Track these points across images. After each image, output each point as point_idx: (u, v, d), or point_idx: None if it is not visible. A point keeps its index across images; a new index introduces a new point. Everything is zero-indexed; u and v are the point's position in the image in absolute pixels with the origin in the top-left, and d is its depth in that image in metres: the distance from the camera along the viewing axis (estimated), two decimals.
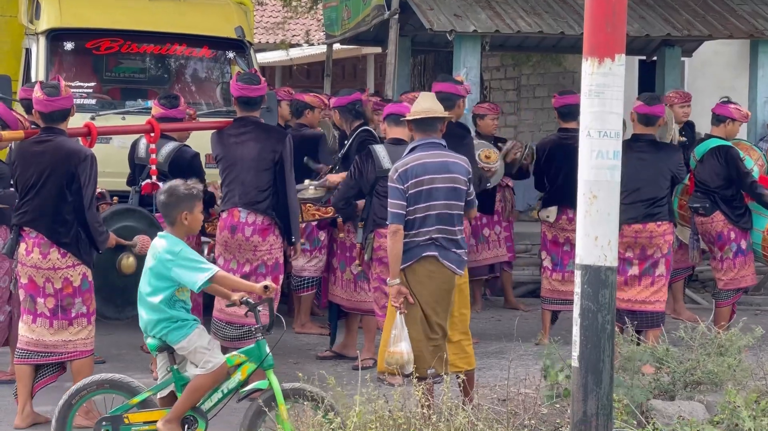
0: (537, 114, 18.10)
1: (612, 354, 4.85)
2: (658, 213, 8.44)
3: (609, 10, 4.91)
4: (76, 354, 6.94)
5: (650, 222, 8.43)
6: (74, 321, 6.93)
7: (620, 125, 5.01)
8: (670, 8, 12.27)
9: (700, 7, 12.35)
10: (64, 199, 6.84)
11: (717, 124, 9.34)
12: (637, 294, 8.45)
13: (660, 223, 8.46)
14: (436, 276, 6.49)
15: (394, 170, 6.58)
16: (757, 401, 5.83)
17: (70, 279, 6.88)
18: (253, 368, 5.98)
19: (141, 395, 5.94)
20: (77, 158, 6.84)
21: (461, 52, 11.37)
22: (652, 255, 8.48)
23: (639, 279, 8.48)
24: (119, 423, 5.85)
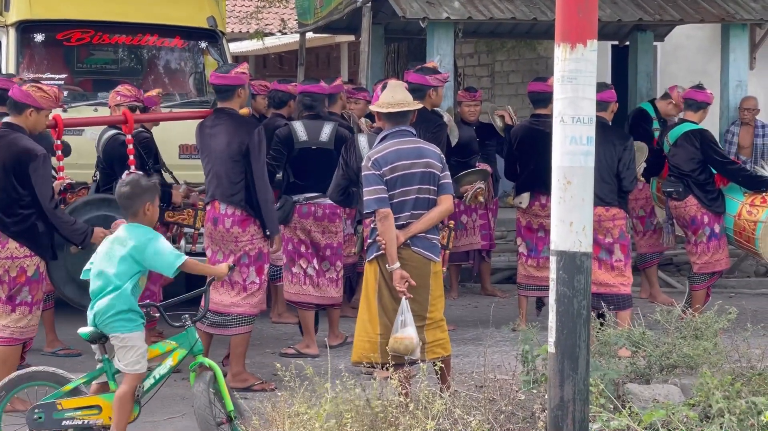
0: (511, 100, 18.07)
1: (588, 340, 4.86)
2: (606, 197, 8.39)
3: None
4: (7, 341, 6.98)
5: (598, 206, 8.36)
6: (17, 308, 7.00)
7: (593, 111, 5.02)
8: None
9: None
10: (15, 194, 6.90)
11: (695, 109, 9.34)
12: (599, 277, 8.42)
13: (608, 208, 8.44)
14: (409, 263, 6.50)
15: (367, 159, 6.62)
16: (732, 383, 5.87)
17: (24, 268, 6.98)
18: (184, 354, 6.16)
19: (73, 383, 6.02)
20: (28, 157, 6.87)
21: (434, 40, 11.37)
22: (603, 240, 8.46)
23: (597, 263, 8.45)
24: (52, 409, 5.93)
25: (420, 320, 6.53)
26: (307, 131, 8.63)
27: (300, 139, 8.61)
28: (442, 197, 6.63)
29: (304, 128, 8.64)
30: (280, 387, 6.22)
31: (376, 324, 6.55)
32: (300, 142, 8.61)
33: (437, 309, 6.66)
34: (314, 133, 8.61)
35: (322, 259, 8.61)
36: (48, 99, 7.07)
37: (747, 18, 12.11)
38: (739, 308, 7.15)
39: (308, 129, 8.63)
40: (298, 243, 8.62)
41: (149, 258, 5.94)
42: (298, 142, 8.61)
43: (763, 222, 8.93)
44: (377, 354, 6.43)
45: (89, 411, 5.96)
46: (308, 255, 8.61)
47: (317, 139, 8.58)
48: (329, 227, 8.53)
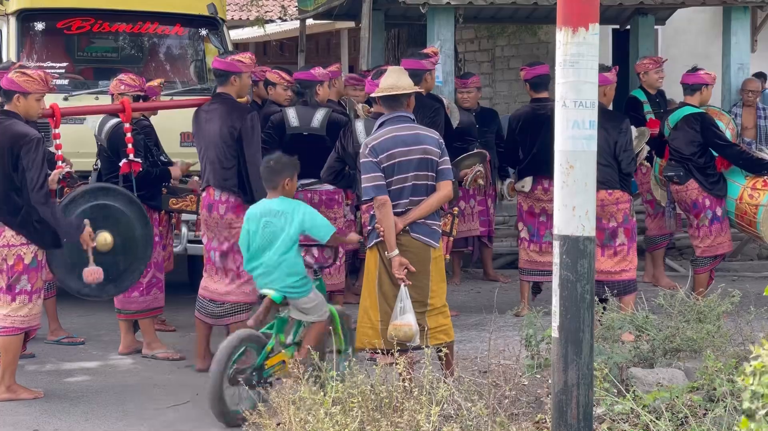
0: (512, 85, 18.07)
1: (592, 324, 4.86)
2: (607, 180, 8.37)
3: None
4: (9, 331, 6.99)
5: (601, 190, 8.34)
6: (17, 297, 7.02)
7: (596, 95, 5.01)
8: None
9: None
10: (11, 181, 6.92)
11: (691, 93, 9.32)
12: (600, 264, 8.40)
13: (611, 191, 8.40)
14: (409, 249, 6.50)
15: (364, 146, 6.62)
16: (736, 366, 5.87)
17: (22, 256, 6.99)
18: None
19: (269, 343, 6.63)
20: (21, 141, 6.88)
21: (435, 25, 11.34)
22: (607, 225, 8.44)
23: (601, 249, 8.43)
24: (261, 369, 6.55)
25: (421, 306, 6.53)
26: (299, 117, 8.65)
27: (291, 125, 8.64)
28: (441, 183, 6.62)
29: (297, 114, 8.66)
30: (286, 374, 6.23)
31: (376, 310, 6.55)
32: (291, 128, 8.64)
33: (439, 296, 6.65)
34: (306, 119, 8.62)
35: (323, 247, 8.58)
36: (33, 82, 7.06)
37: (748, 0, 12.08)
38: (742, 291, 7.16)
39: (300, 115, 8.65)
40: None
41: (316, 226, 6.74)
42: (289, 127, 8.64)
43: (765, 205, 8.92)
44: (380, 341, 6.43)
45: (280, 367, 6.61)
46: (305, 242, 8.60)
47: (309, 125, 8.59)
48: (327, 213, 8.50)
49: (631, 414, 5.44)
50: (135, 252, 7.62)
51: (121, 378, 7.69)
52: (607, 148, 8.33)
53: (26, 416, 6.73)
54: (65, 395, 7.22)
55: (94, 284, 7.29)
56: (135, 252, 7.62)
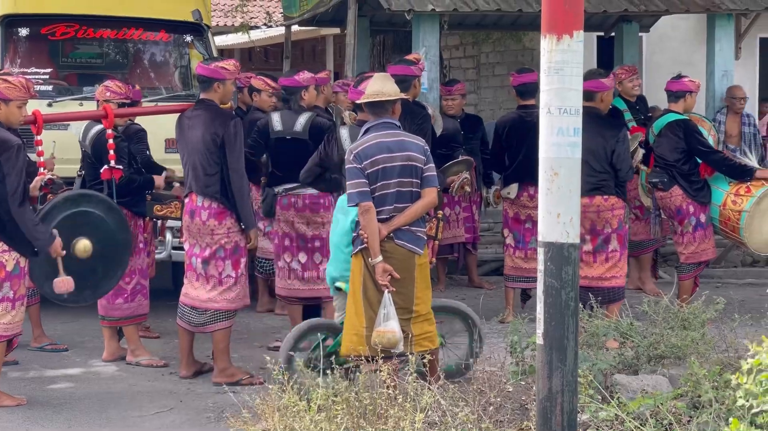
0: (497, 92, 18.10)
1: (576, 331, 4.87)
2: (603, 186, 8.41)
3: None
4: None
5: (597, 196, 8.41)
6: None
7: (580, 102, 5.02)
8: None
9: None
10: None
11: (676, 100, 9.34)
12: (593, 271, 8.45)
13: (607, 197, 8.45)
14: (393, 256, 6.50)
15: (349, 152, 6.62)
16: (720, 373, 5.88)
17: (4, 263, 6.95)
18: None
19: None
20: (1, 148, 6.82)
21: (420, 32, 11.35)
22: (602, 231, 8.47)
23: (593, 256, 8.47)
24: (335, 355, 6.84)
25: (406, 313, 6.53)
26: (282, 121, 8.67)
27: (275, 129, 8.67)
28: (426, 190, 6.61)
29: (281, 119, 8.69)
30: (269, 381, 6.22)
31: (362, 317, 6.54)
32: (275, 132, 8.66)
33: (424, 302, 6.65)
34: (289, 123, 8.63)
35: (313, 251, 8.56)
36: (14, 89, 7.03)
37: (732, 8, 12.13)
38: (726, 298, 7.18)
39: (284, 119, 8.68)
40: (283, 237, 8.59)
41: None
42: (273, 132, 8.67)
43: (748, 211, 8.95)
44: (365, 348, 6.42)
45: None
46: (292, 249, 8.56)
47: (292, 129, 8.59)
48: (313, 218, 8.49)
49: (616, 420, 5.44)
50: (113, 258, 7.61)
51: (105, 385, 7.66)
52: (603, 154, 8.38)
53: (9, 423, 6.70)
54: (48, 402, 7.19)
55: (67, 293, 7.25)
56: (113, 258, 7.61)
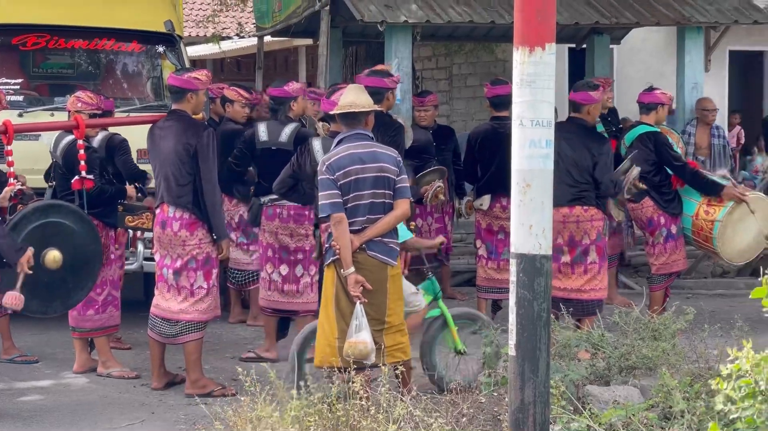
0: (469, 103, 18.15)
1: (548, 342, 4.88)
2: (584, 197, 8.46)
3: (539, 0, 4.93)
4: None
5: (577, 206, 8.45)
6: None
7: (552, 114, 5.04)
8: None
9: None
10: None
11: (647, 112, 9.40)
12: (572, 282, 8.49)
13: (587, 208, 8.49)
14: (365, 267, 6.50)
15: (322, 163, 6.62)
16: (691, 384, 5.91)
17: None
18: (430, 299, 7.42)
19: None
20: None
21: (392, 43, 11.37)
22: (581, 242, 8.51)
23: (571, 267, 8.51)
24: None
25: (379, 324, 6.53)
26: (268, 132, 8.67)
27: (261, 140, 8.67)
28: (399, 201, 6.62)
29: (266, 129, 8.69)
30: (241, 392, 6.20)
31: (334, 328, 6.54)
32: (261, 143, 8.67)
33: (396, 314, 6.65)
34: (275, 133, 8.63)
35: (295, 263, 8.54)
36: None
37: (702, 21, 12.22)
38: (696, 309, 7.21)
39: (270, 130, 8.68)
40: (266, 247, 8.59)
41: None
42: (259, 142, 8.67)
43: (720, 221, 9.01)
44: (337, 359, 6.42)
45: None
46: (275, 260, 8.56)
47: (277, 140, 8.59)
48: (297, 230, 8.48)
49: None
50: (84, 269, 7.57)
51: (76, 397, 7.62)
52: (586, 166, 8.42)
53: None
54: (18, 414, 7.14)
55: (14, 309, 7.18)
56: (84, 269, 7.57)
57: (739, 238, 9.06)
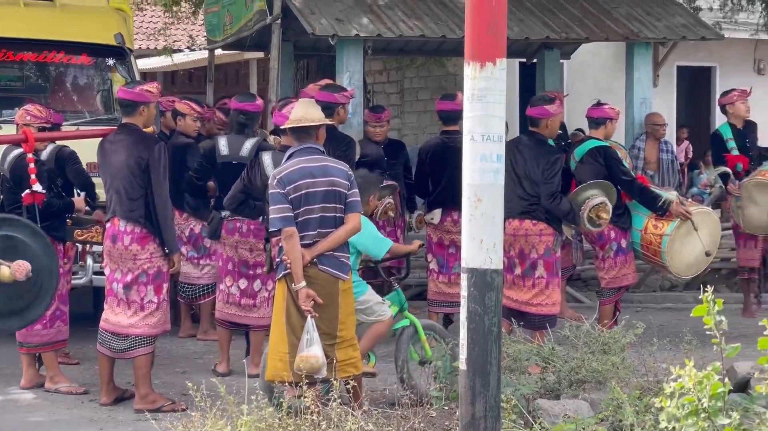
0: (420, 117, 18.21)
1: (499, 356, 4.90)
2: (534, 211, 8.51)
3: (490, 15, 4.96)
4: None
5: (527, 220, 8.49)
6: None
7: (503, 129, 5.06)
8: (548, 11, 12.45)
9: (577, 11, 12.56)
10: None
11: (596, 127, 9.47)
12: (522, 295, 8.54)
13: (536, 222, 8.53)
14: (316, 281, 6.49)
15: (272, 177, 6.62)
16: (640, 397, 5.95)
17: None
18: (396, 310, 7.53)
19: None
20: None
21: (344, 56, 11.38)
22: (529, 255, 8.55)
23: (522, 279, 8.56)
24: None
25: (330, 338, 6.52)
26: (229, 146, 8.64)
27: (222, 153, 8.65)
28: (350, 215, 6.63)
29: (227, 143, 8.65)
30: (191, 407, 6.16)
31: (285, 343, 6.52)
32: (221, 156, 8.64)
33: (348, 328, 6.65)
34: (235, 147, 8.61)
35: (254, 278, 8.51)
36: None
37: (650, 37, 12.33)
38: (645, 322, 7.27)
39: (230, 144, 8.65)
40: (226, 260, 8.55)
41: (367, 246, 7.24)
42: (219, 156, 8.65)
43: (669, 235, 9.08)
44: (288, 373, 6.40)
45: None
46: (234, 274, 8.51)
47: (237, 154, 8.56)
48: (257, 244, 8.44)
49: None
50: (40, 284, 7.48)
51: (23, 414, 7.53)
52: (537, 179, 8.45)
53: None
54: None
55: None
56: (40, 284, 7.48)
57: (687, 252, 9.14)
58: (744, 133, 10.78)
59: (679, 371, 4.25)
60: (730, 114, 10.82)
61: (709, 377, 4.29)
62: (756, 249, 10.78)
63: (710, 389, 4.27)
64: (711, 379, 4.29)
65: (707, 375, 4.29)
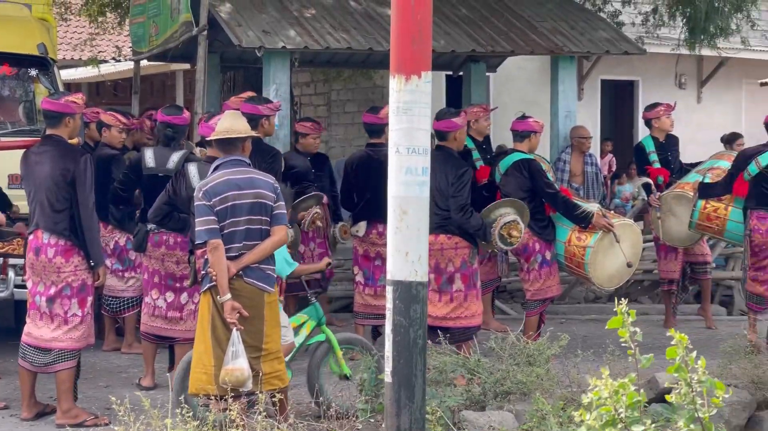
0: (348, 129, 18.23)
1: (424, 369, 4.92)
2: (447, 225, 8.50)
3: (415, 28, 4.98)
4: None
5: (441, 234, 8.47)
6: None
7: (428, 141, 5.09)
8: (474, 25, 12.54)
9: (503, 24, 12.67)
10: None
11: (521, 140, 9.53)
12: (438, 310, 8.47)
13: (450, 236, 8.53)
14: (242, 294, 6.46)
15: (198, 189, 6.58)
16: (564, 408, 6.00)
17: None
18: (314, 325, 7.51)
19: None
20: None
21: (271, 69, 11.36)
22: (445, 269, 8.53)
23: (438, 294, 8.52)
24: None
25: (255, 351, 6.49)
26: (155, 158, 8.58)
27: (148, 166, 8.58)
28: (276, 228, 6.61)
29: (153, 155, 8.59)
30: (115, 422, 6.09)
31: (210, 356, 6.48)
32: (147, 169, 8.58)
33: (273, 341, 6.62)
34: (162, 160, 8.54)
35: (181, 291, 8.43)
36: None
37: (575, 51, 12.47)
38: (569, 334, 7.33)
39: (157, 156, 8.59)
40: (152, 273, 8.45)
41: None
42: (146, 168, 8.58)
43: (592, 247, 9.16)
44: (213, 387, 6.36)
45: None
46: (160, 287, 8.43)
47: (164, 166, 8.50)
48: (183, 257, 8.37)
49: None
50: None
51: None
52: (448, 193, 8.45)
53: None
54: None
55: None
56: None
57: (610, 263, 9.23)
58: (666, 147, 10.92)
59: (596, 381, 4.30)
60: (655, 128, 10.96)
61: (625, 387, 4.34)
62: (676, 261, 10.92)
63: (627, 399, 4.32)
64: (627, 389, 4.34)
65: (622, 385, 4.34)
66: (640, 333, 4.52)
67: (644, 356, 4.53)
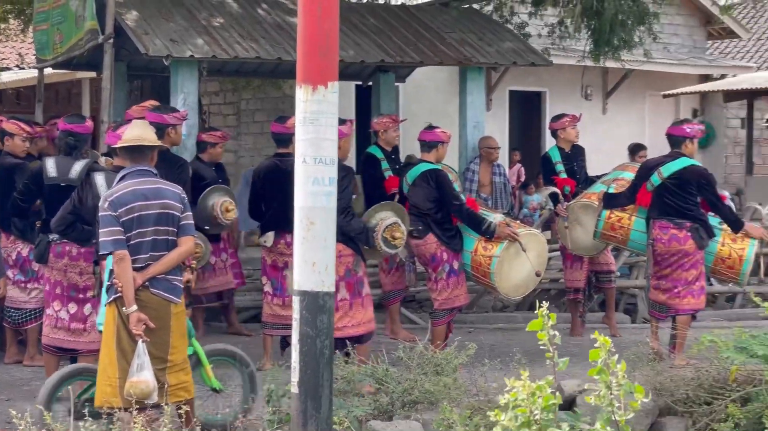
0: (257, 138, 18.16)
1: (331, 379, 4.91)
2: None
3: (322, 39, 4.99)
4: None
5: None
6: None
7: (335, 152, 5.09)
8: (383, 35, 12.59)
9: (411, 35, 12.73)
10: None
11: (428, 150, 9.58)
12: None
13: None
14: (148, 305, 6.40)
15: (103, 199, 6.50)
16: (471, 417, 6.04)
17: None
18: None
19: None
20: None
21: (178, 77, 11.27)
22: None
23: None
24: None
25: (161, 362, 6.42)
26: (57, 167, 8.44)
27: (49, 175, 8.44)
28: (183, 238, 6.56)
29: (55, 164, 8.45)
30: None
31: (115, 368, 6.39)
32: (49, 178, 8.44)
33: (180, 352, 6.56)
34: (64, 169, 8.41)
35: (84, 302, 8.30)
36: None
37: (483, 62, 12.58)
38: (477, 343, 7.38)
39: (59, 165, 8.45)
40: (54, 284, 8.31)
41: None
42: (47, 177, 8.44)
43: (498, 256, 9.23)
44: (118, 399, 6.28)
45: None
46: (63, 298, 8.30)
47: (66, 176, 8.37)
48: (87, 268, 8.25)
49: None
50: None
51: None
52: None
53: None
54: None
55: None
56: None
57: (515, 273, 9.32)
58: (572, 157, 11.06)
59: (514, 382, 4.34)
60: (561, 138, 11.09)
61: (542, 389, 4.39)
62: (582, 271, 11.06)
63: (542, 401, 4.37)
64: (543, 391, 4.39)
65: (539, 387, 4.39)
66: (558, 337, 4.57)
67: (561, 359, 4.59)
